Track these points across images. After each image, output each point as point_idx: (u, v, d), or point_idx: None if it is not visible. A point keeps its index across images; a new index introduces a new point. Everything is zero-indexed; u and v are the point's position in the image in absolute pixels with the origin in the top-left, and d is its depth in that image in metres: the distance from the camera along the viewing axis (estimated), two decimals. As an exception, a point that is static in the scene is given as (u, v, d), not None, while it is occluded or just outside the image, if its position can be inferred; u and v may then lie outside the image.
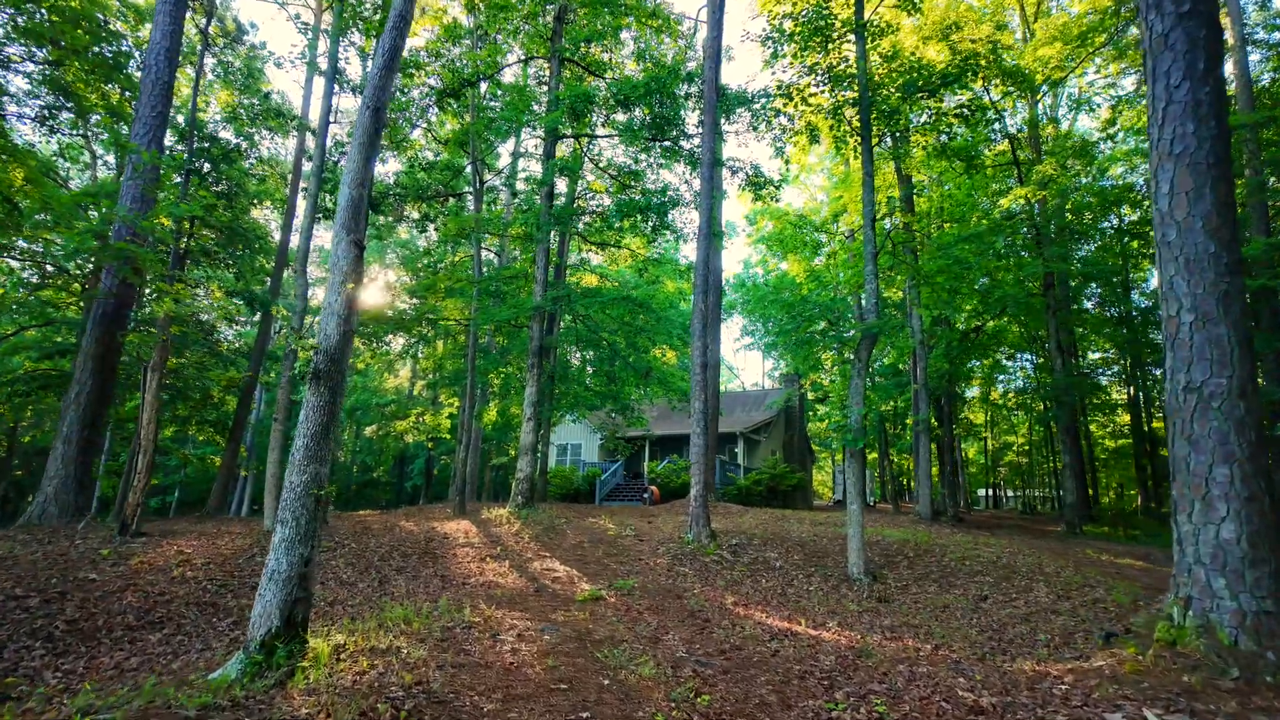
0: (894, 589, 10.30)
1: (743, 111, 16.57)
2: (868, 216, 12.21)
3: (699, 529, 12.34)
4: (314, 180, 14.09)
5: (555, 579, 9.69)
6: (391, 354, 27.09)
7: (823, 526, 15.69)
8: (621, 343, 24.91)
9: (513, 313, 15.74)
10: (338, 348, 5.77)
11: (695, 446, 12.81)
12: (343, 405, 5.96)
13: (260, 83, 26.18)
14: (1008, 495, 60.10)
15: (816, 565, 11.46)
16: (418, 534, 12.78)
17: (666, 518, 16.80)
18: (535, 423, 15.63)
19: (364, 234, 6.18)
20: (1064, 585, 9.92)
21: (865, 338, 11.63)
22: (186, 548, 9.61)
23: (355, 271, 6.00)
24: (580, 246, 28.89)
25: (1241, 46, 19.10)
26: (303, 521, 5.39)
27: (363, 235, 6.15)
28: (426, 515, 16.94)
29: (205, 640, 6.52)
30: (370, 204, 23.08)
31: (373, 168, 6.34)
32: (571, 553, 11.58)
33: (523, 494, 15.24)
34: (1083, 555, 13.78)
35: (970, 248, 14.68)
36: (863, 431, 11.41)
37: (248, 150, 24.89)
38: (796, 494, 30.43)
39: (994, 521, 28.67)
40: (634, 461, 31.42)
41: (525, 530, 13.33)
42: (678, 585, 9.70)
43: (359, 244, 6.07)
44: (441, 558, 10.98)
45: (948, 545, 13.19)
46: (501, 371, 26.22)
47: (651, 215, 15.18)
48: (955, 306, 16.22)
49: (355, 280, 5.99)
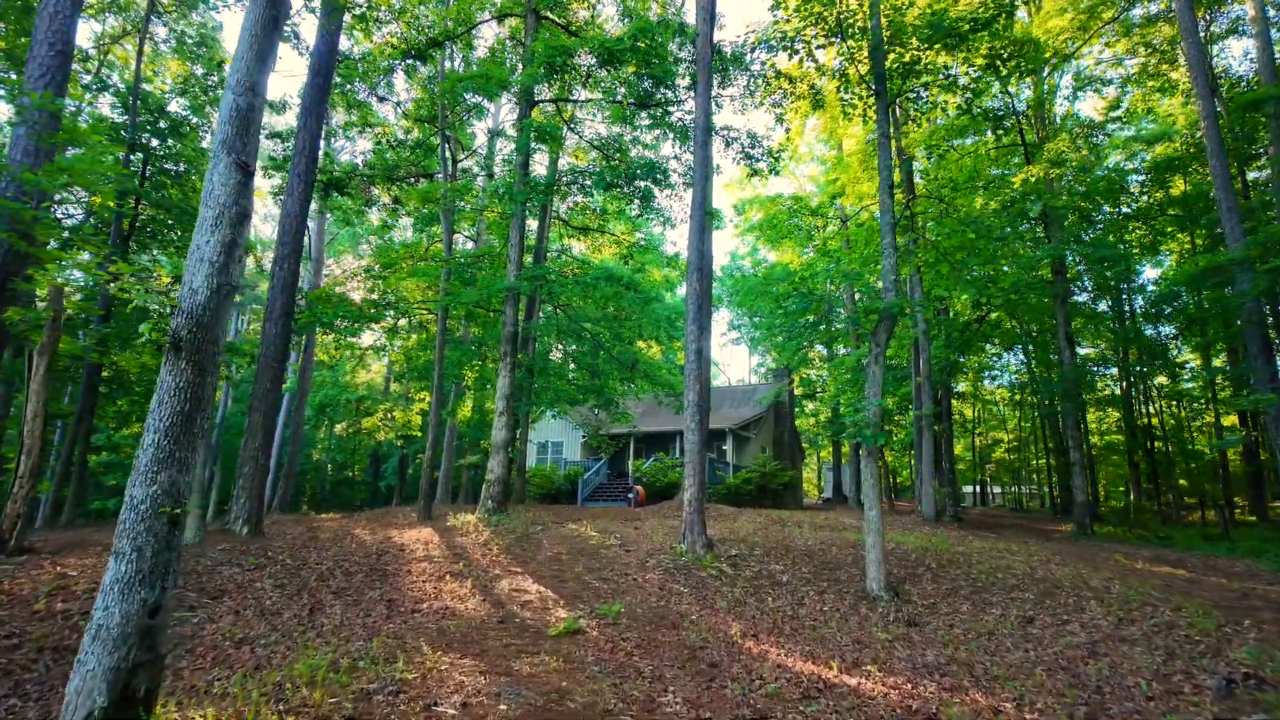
0: (921, 608, 8.85)
1: (738, 76, 15.06)
2: (884, 183, 10.75)
3: (693, 538, 10.81)
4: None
5: (526, 603, 8.10)
6: (359, 347, 25.30)
7: (827, 532, 14.25)
8: (605, 334, 23.33)
9: (483, 294, 14.07)
10: (207, 308, 4.13)
11: (689, 444, 11.27)
12: (219, 391, 4.35)
13: (215, 52, 24.16)
14: (994, 492, 59.44)
15: (828, 579, 9.99)
16: (370, 545, 11.12)
17: (655, 522, 15.26)
18: (509, 417, 14.00)
19: (253, 157, 4.54)
20: (1120, 604, 8.53)
21: (884, 319, 10.16)
22: (74, 569, 7.89)
23: (239, 205, 4.35)
24: (561, 233, 27.25)
25: (1263, 19, 17.93)
26: (148, 553, 3.77)
27: (251, 158, 4.51)
28: (388, 520, 15.27)
29: (46, 706, 4.88)
30: (335, 186, 21.38)
31: (268, 70, 4.71)
32: (547, 567, 10.00)
33: (494, 498, 13.61)
34: (1115, 562, 12.47)
35: (999, 220, 13.29)
36: (881, 426, 9.96)
37: (201, 125, 22.98)
38: (787, 493, 29.07)
39: (992, 520, 27.51)
40: (618, 460, 29.85)
41: (495, 540, 11.71)
42: (672, 609, 8.16)
43: (245, 168, 4.42)
44: (393, 575, 9.35)
45: (969, 553, 11.79)
46: (476, 364, 24.52)
47: (638, 185, 13.60)
48: (979, 287, 14.89)
49: (239, 217, 4.34)
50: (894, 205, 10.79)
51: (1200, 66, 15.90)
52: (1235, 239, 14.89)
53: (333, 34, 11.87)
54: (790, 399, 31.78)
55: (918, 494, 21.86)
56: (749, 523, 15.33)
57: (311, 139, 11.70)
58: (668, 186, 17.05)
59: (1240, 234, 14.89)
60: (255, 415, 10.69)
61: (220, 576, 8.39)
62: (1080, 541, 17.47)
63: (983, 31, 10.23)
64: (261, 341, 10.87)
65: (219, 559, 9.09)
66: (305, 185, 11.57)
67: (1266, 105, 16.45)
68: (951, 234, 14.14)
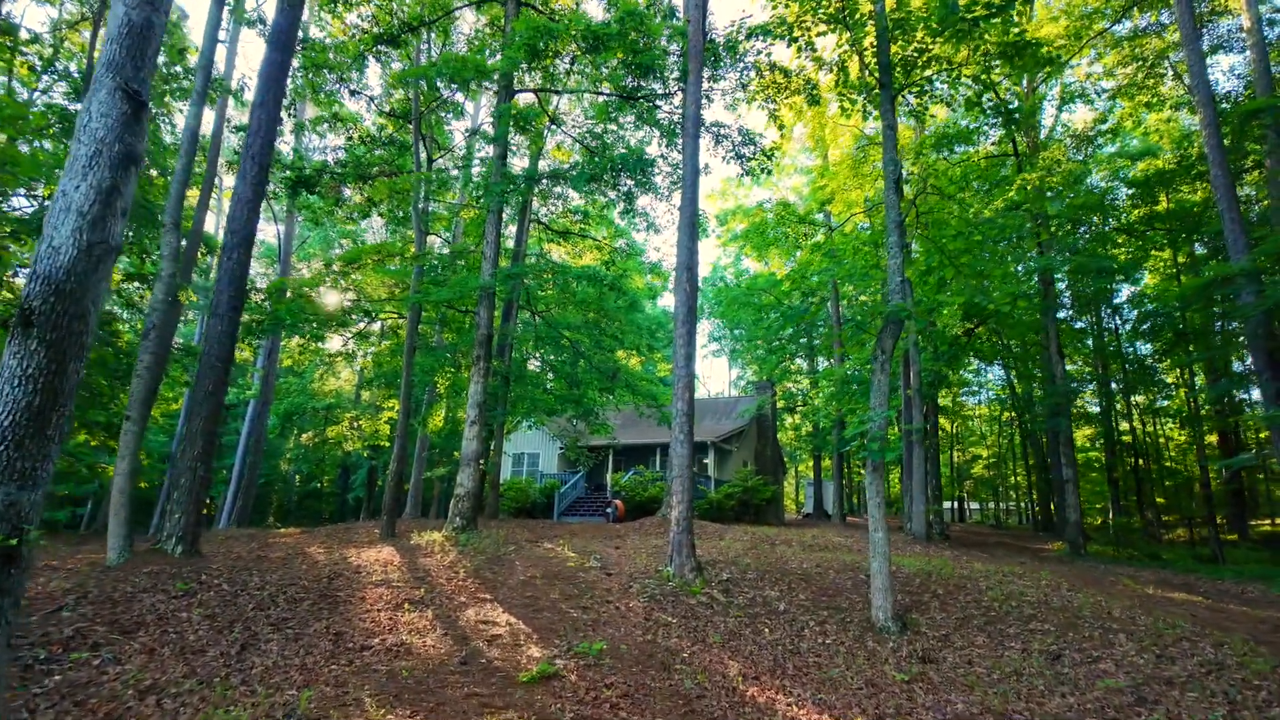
0: (933, 641, 8.00)
1: (729, 72, 14.34)
2: (889, 178, 10.02)
3: (681, 560, 9.86)
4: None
5: (493, 638, 7.09)
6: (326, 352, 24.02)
7: (820, 552, 13.40)
8: (585, 341, 22.38)
9: (455, 293, 13.04)
10: (72, 272, 3.13)
11: (677, 456, 10.36)
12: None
13: (177, 38, 22.93)
14: (971, 508, 59.33)
15: (829, 608, 9.11)
16: (323, 566, 10.00)
17: (637, 540, 14.29)
18: (481, 427, 12.96)
19: (147, 87, 3.56)
20: (1151, 638, 7.77)
21: (890, 323, 9.38)
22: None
23: (124, 143, 3.37)
24: (541, 238, 26.32)
25: (1259, 29, 17.73)
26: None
27: (145, 88, 3.53)
28: (349, 537, 14.10)
29: None
30: (304, 184, 20.24)
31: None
32: (519, 594, 8.98)
33: (463, 514, 12.52)
34: (1124, 587, 11.78)
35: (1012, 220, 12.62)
36: (887, 439, 9.16)
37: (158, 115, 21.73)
38: (769, 509, 28.25)
39: (977, 538, 26.96)
40: (597, 473, 28.82)
41: (463, 561, 10.64)
42: (660, 645, 7.21)
43: (136, 97, 3.45)
44: (344, 603, 8.26)
45: (974, 576, 11.00)
46: (449, 371, 23.39)
47: (623, 182, 12.75)
48: (982, 294, 14.23)
49: (123, 159, 3.36)
50: (900, 202, 10.06)
51: (1201, 73, 15.55)
52: (1238, 251, 14.47)
53: (294, 4, 10.89)
54: (773, 412, 31.03)
55: (906, 511, 21.14)
56: (736, 542, 14.43)
57: (269, 119, 10.67)
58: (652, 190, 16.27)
59: (1244, 245, 14.47)
60: (195, 421, 9.56)
61: (139, 606, 7.26)
62: (1076, 562, 16.86)
63: (996, 18, 9.59)
64: (205, 340, 9.77)
65: (142, 584, 7.94)
66: (259, 168, 10.52)
67: (1265, 115, 16.16)
68: (957, 235, 13.51)
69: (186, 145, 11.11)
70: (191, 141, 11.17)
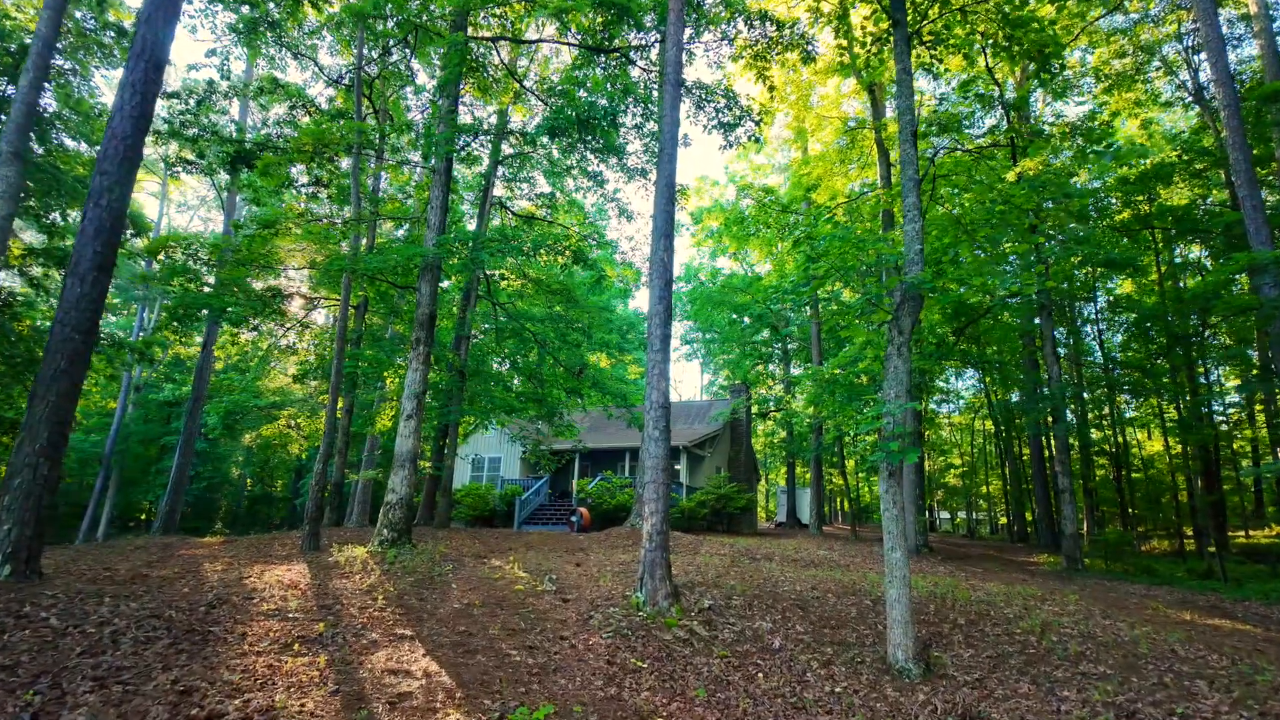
0: (967, 689, 6.37)
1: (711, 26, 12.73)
2: (906, 130, 8.47)
3: (655, 584, 8.09)
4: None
5: (401, 697, 5.24)
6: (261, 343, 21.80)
7: (811, 570, 11.77)
8: (550, 334, 20.56)
9: (389, 261, 11.11)
10: None
11: (651, 457, 8.60)
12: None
13: None
14: (942, 518, 58.65)
15: (833, 643, 7.43)
16: (208, 589, 8.00)
17: (601, 555, 12.50)
18: (419, 422, 11.03)
19: None
20: (1240, 683, 6.25)
21: (908, 298, 7.78)
22: None
23: None
24: (505, 226, 24.42)
25: (1265, 15, 16.80)
26: None
27: None
28: (266, 550, 12.02)
29: None
30: (244, 159, 18.08)
31: None
32: (449, 629, 7.11)
33: (392, 525, 10.55)
34: (1153, 611, 10.37)
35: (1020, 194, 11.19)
36: (908, 437, 7.53)
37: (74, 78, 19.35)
38: (743, 517, 26.68)
39: (959, 550, 25.74)
40: (561, 478, 26.91)
41: (385, 584, 8.71)
42: (628, 704, 5.44)
43: None
44: (216, 642, 6.31)
45: (993, 600, 9.45)
46: (401, 368, 21.33)
47: (593, 139, 11.02)
48: (1002, 274, 12.87)
49: None
50: (918, 157, 8.51)
51: (1220, 50, 14.45)
52: (1260, 241, 13.33)
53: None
54: (747, 416, 29.49)
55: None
56: (715, 557, 12.74)
57: (156, 37, 8.71)
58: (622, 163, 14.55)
59: (1267, 234, 13.33)
60: (38, 406, 7.51)
61: (-96, 655, 5.25)
62: (1076, 578, 15.55)
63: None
64: (59, 305, 7.76)
65: (-69, 621, 5.91)
66: (142, 99, 8.54)
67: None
68: (974, 206, 12.09)
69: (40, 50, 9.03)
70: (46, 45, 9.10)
